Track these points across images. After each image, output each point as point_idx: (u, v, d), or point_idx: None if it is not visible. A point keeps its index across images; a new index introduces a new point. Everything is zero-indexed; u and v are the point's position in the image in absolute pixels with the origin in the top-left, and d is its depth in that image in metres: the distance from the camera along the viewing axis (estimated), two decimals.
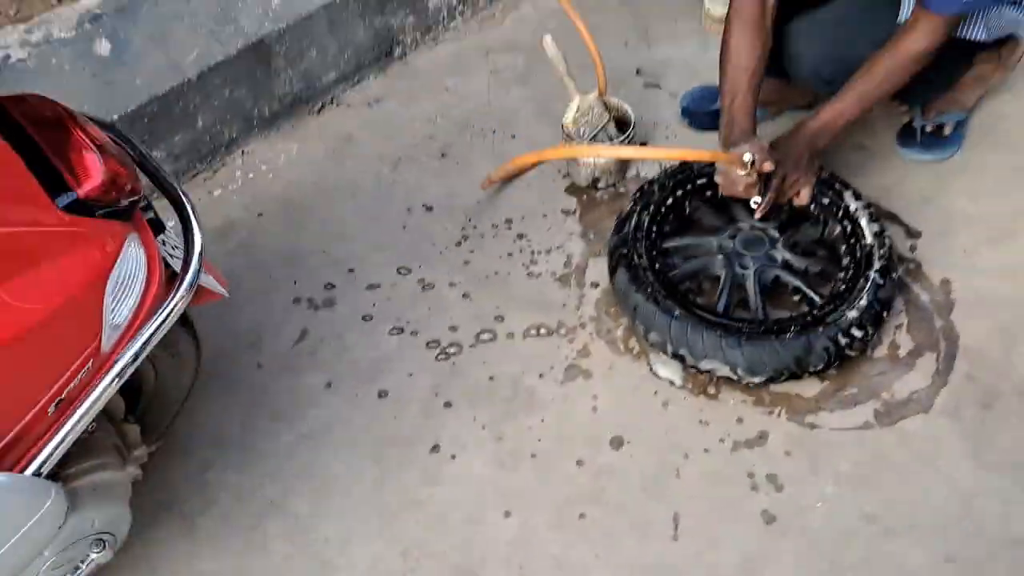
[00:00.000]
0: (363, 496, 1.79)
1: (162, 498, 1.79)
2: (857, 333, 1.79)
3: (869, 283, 1.83)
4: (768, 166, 1.84)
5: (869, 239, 1.90)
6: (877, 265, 1.86)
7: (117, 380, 1.29)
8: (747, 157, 1.83)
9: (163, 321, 1.33)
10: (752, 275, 1.92)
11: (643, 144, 2.31)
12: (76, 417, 1.26)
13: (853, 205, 1.96)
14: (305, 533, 1.75)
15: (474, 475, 1.80)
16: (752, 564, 1.66)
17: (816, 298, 1.89)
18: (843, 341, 1.78)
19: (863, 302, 1.81)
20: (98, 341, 1.26)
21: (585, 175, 2.21)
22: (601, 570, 1.67)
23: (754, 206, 1.91)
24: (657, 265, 1.93)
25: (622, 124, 2.24)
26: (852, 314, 1.80)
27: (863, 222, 1.93)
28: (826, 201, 1.98)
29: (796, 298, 1.94)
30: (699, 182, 2.05)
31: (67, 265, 1.20)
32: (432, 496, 1.78)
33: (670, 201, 2.03)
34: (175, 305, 1.34)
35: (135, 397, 1.67)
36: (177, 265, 1.43)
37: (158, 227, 1.43)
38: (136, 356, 1.30)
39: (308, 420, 1.90)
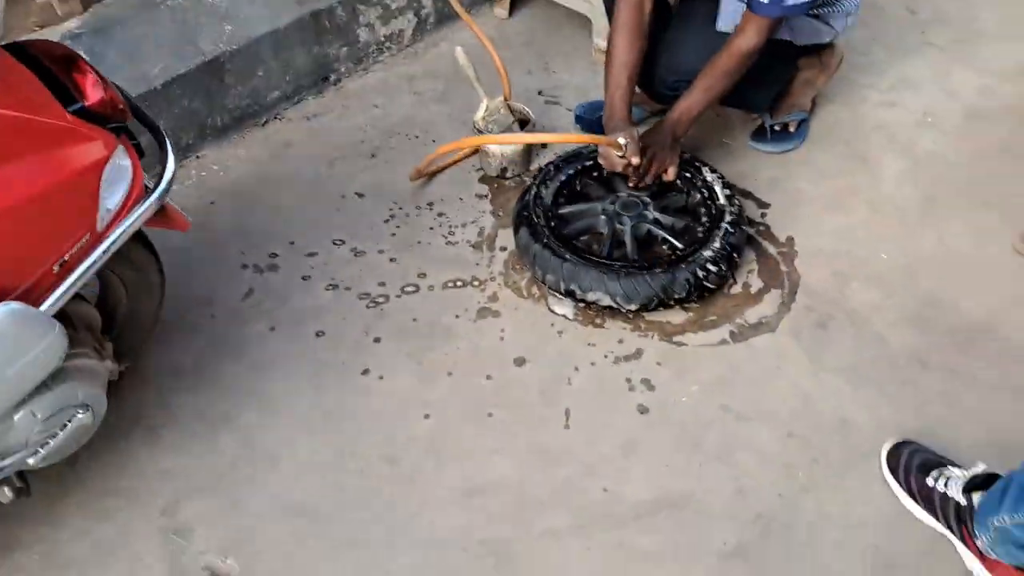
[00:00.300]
0: (303, 410, 2.09)
1: (130, 415, 2.06)
2: (712, 268, 2.19)
3: (721, 231, 2.25)
4: (635, 158, 2.28)
5: (722, 200, 2.34)
6: (728, 219, 2.29)
7: (105, 253, 1.62)
8: (621, 141, 2.27)
9: (141, 213, 1.67)
10: (628, 229, 2.33)
11: (543, 146, 2.73)
12: (74, 277, 1.57)
13: (709, 177, 2.40)
14: (253, 438, 2.04)
15: (398, 389, 2.13)
16: (631, 445, 2.00)
17: (680, 245, 2.30)
18: (701, 274, 2.18)
19: (716, 245, 2.22)
20: (94, 219, 1.59)
21: (495, 166, 2.62)
22: (505, 454, 1.99)
23: (629, 182, 2.35)
24: (552, 223, 2.32)
25: (524, 125, 2.66)
26: (707, 253, 2.21)
27: (717, 188, 2.37)
28: (688, 175, 2.41)
29: (665, 247, 2.34)
30: (587, 164, 2.47)
31: (72, 153, 1.54)
32: (362, 406, 2.09)
33: (563, 178, 2.44)
34: (151, 201, 1.68)
35: (111, 318, 1.97)
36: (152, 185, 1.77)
37: (140, 152, 1.77)
38: (120, 236, 1.63)
39: (254, 355, 2.20)
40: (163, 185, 1.72)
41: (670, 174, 2.35)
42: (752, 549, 1.82)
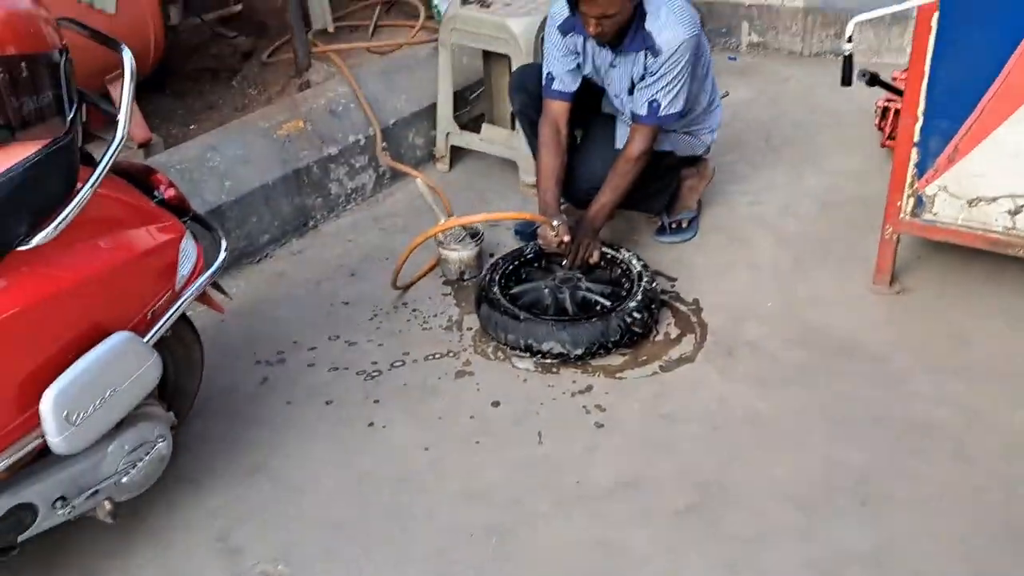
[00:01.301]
0: (323, 454, 2.55)
1: (174, 474, 2.46)
2: (637, 316, 2.80)
3: (640, 288, 2.88)
4: (566, 236, 2.92)
5: (638, 269, 2.98)
6: (644, 280, 2.92)
7: (181, 307, 2.14)
8: (555, 221, 2.92)
9: (203, 281, 2.21)
10: (568, 296, 2.93)
11: (491, 255, 3.36)
12: (163, 321, 2.09)
13: (625, 256, 3.05)
14: (284, 478, 2.48)
15: (398, 433, 2.61)
16: (592, 449, 2.51)
17: (609, 303, 2.90)
18: (628, 320, 2.78)
19: (638, 297, 2.84)
20: (174, 280, 2.13)
21: (454, 270, 3.22)
22: (494, 466, 2.48)
23: (563, 264, 2.99)
24: (507, 298, 2.92)
25: (475, 236, 3.29)
26: (632, 304, 2.82)
27: (633, 262, 3.02)
28: (609, 256, 3.06)
29: (598, 308, 2.94)
30: (528, 256, 3.11)
31: (160, 229, 2.10)
32: (372, 447, 2.57)
33: (510, 267, 3.06)
34: (211, 272, 2.24)
35: (162, 388, 2.44)
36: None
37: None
38: (191, 295, 2.16)
39: (275, 422, 2.67)
40: (218, 262, 2.28)
41: (595, 256, 2.99)
42: (699, 507, 2.32)
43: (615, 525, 2.29)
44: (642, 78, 2.89)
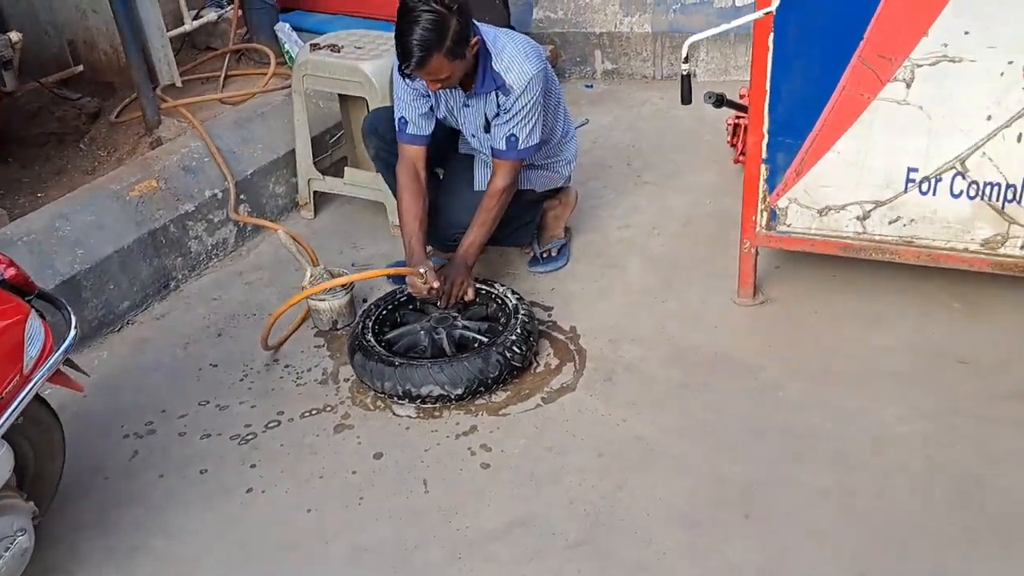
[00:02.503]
0: (202, 528, 2.43)
1: (42, 568, 2.31)
2: (516, 350, 2.79)
3: (518, 321, 2.87)
4: (435, 282, 2.89)
5: (513, 302, 2.97)
6: (521, 313, 2.92)
7: (31, 393, 2.01)
8: (422, 270, 2.89)
9: (55, 360, 2.08)
10: (444, 337, 2.90)
11: (364, 300, 3.30)
12: (11, 408, 1.95)
13: (500, 290, 3.05)
14: (164, 559, 2.35)
15: (279, 497, 2.52)
16: (480, 491, 2.48)
17: (486, 339, 2.88)
18: (508, 355, 2.77)
19: (518, 330, 2.83)
20: (21, 363, 1.99)
21: (326, 320, 3.15)
22: (380, 520, 2.41)
23: (439, 304, 2.96)
24: (382, 344, 2.86)
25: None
26: (511, 338, 2.81)
27: (508, 295, 3.01)
28: (484, 291, 3.05)
29: (476, 345, 2.92)
30: (400, 299, 3.06)
31: (2, 311, 1.97)
32: (252, 515, 2.47)
33: (383, 312, 3.01)
34: (61, 351, 2.10)
35: (21, 477, 2.28)
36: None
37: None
38: (41, 378, 2.03)
39: (150, 499, 2.54)
40: (68, 340, 2.15)
41: (469, 294, 2.97)
42: (589, 536, 2.31)
43: (508, 569, 2.25)
44: (496, 115, 2.91)
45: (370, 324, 2.94)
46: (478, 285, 3.04)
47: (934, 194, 2.74)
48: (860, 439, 2.54)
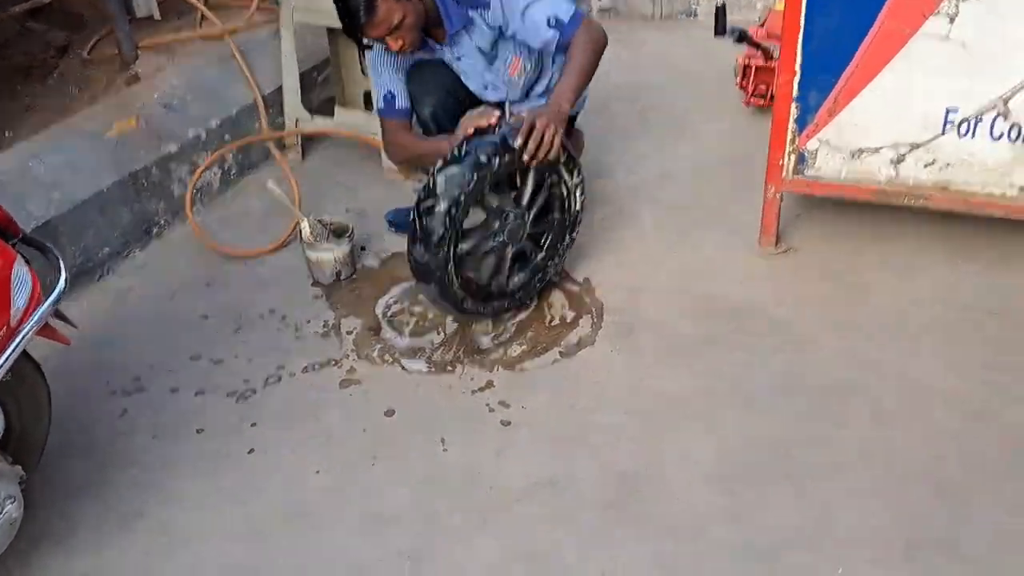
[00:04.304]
0: (203, 492, 2.25)
1: (34, 532, 2.12)
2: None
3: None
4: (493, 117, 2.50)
5: (577, 207, 2.79)
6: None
7: (19, 346, 1.80)
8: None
9: (44, 311, 1.87)
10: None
11: (363, 248, 3.10)
12: None
13: (574, 180, 2.74)
14: (166, 525, 2.18)
15: (284, 458, 2.34)
16: (502, 451, 2.32)
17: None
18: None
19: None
20: (8, 315, 1.79)
21: (329, 272, 2.93)
22: (396, 482, 2.25)
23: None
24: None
25: (341, 234, 3.01)
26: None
27: (577, 195, 2.76)
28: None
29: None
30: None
31: None
32: (257, 478, 2.29)
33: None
34: (51, 301, 1.90)
35: (5, 437, 2.08)
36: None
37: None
38: (30, 330, 1.82)
39: (144, 460, 2.35)
40: (58, 288, 1.94)
41: (555, 147, 2.47)
42: (621, 498, 2.17)
43: (538, 533, 2.11)
44: (498, 36, 2.68)
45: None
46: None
47: (973, 136, 2.60)
48: (896, 395, 2.42)
